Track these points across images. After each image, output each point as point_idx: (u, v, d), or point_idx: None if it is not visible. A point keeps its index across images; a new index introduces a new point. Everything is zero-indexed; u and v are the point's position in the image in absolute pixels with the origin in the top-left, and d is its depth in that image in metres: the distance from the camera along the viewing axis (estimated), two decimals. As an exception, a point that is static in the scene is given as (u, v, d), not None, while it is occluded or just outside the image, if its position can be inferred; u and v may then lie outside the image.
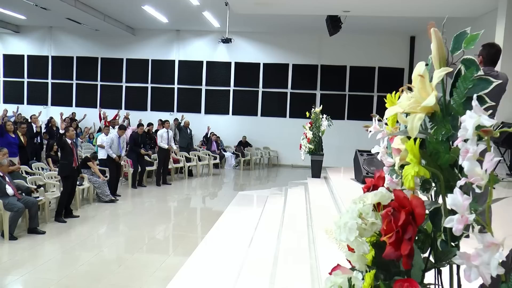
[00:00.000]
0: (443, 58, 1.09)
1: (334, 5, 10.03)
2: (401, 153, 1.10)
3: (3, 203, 6.34)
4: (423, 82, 1.04)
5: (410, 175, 0.97)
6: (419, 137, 1.01)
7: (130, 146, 10.84)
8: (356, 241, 1.07)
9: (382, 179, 1.23)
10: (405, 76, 15.44)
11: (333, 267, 1.27)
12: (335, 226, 1.18)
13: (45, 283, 4.84)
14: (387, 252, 0.96)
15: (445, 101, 1.06)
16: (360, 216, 1.10)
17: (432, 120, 1.04)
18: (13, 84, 17.22)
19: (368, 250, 1.07)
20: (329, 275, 1.26)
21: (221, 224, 6.67)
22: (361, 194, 1.28)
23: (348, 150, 13.83)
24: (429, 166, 1.00)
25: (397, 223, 0.94)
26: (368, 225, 1.08)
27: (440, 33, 1.13)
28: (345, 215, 1.14)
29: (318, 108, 8.53)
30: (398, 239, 0.93)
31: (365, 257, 1.10)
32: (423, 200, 0.97)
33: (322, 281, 3.40)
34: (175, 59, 16.28)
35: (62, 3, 11.70)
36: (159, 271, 5.25)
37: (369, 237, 1.10)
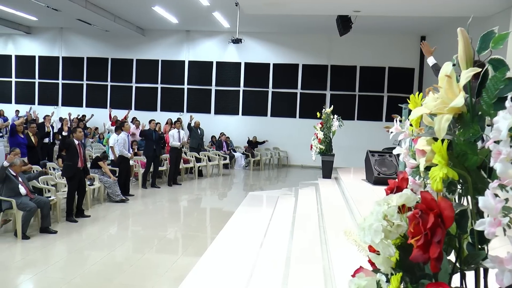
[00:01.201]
0: (470, 58, 1.07)
1: (344, 5, 9.99)
2: (427, 154, 1.08)
3: (16, 202, 6.39)
4: (450, 82, 1.02)
5: (438, 177, 0.95)
6: (447, 139, 1.00)
7: (146, 143, 10.78)
8: (381, 243, 1.06)
9: (406, 181, 1.21)
10: (415, 76, 15.36)
11: (356, 269, 1.26)
12: (359, 228, 1.17)
13: (58, 282, 4.86)
14: (414, 255, 0.95)
15: (472, 102, 1.04)
16: (385, 218, 1.09)
17: (459, 121, 1.03)
18: (25, 84, 17.37)
19: (394, 253, 1.06)
20: (352, 277, 1.24)
21: (232, 224, 6.67)
22: (383, 195, 1.27)
23: (358, 150, 13.82)
24: (456, 168, 0.99)
25: (425, 226, 0.93)
26: (393, 227, 1.07)
27: (466, 32, 1.11)
28: (370, 217, 1.12)
29: (329, 109, 8.49)
30: (426, 242, 0.92)
31: (391, 260, 1.08)
32: (451, 202, 0.96)
33: (335, 282, 3.38)
34: (185, 60, 16.32)
35: (73, 4, 11.78)
36: (171, 271, 5.25)
37: (394, 239, 1.09)
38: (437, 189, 0.96)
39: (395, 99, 15.35)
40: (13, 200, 6.40)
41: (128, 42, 16.44)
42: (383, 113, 15.58)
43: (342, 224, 5.12)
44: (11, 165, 6.61)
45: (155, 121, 10.99)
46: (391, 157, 7.53)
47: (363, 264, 3.40)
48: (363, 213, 4.89)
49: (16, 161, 6.67)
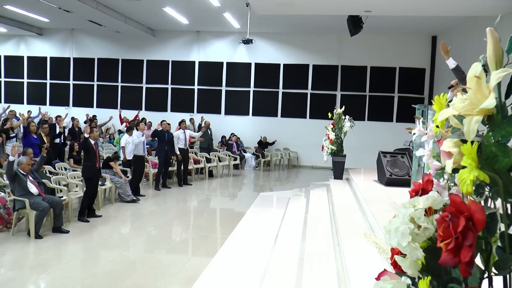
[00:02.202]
0: (500, 58, 1.05)
1: (355, 5, 9.95)
2: (454, 156, 1.06)
3: (29, 202, 6.44)
4: (479, 83, 1.00)
5: (468, 180, 0.94)
6: (476, 141, 0.98)
7: (159, 144, 10.79)
8: (409, 246, 1.04)
9: (431, 183, 1.20)
10: (426, 77, 15.26)
11: (380, 272, 1.24)
12: (384, 230, 1.15)
13: (71, 282, 4.89)
14: (444, 259, 0.94)
15: (501, 103, 1.02)
16: (412, 221, 1.08)
17: (489, 123, 1.01)
18: (37, 85, 17.52)
19: (421, 256, 1.04)
20: (376, 280, 1.23)
21: (244, 225, 6.67)
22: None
23: (369, 151, 13.77)
24: (485, 170, 0.97)
25: (456, 229, 0.91)
26: (420, 230, 1.05)
27: (496, 32, 1.09)
28: (396, 220, 1.11)
29: (341, 109, 8.46)
30: (457, 246, 0.90)
31: (418, 263, 1.07)
32: (482, 205, 0.94)
33: (350, 283, 3.36)
34: (195, 60, 16.35)
35: (84, 5, 11.85)
36: (183, 272, 5.26)
37: (421, 242, 1.07)
38: (467, 192, 0.95)
39: (406, 99, 15.27)
40: (26, 200, 6.44)
41: (138, 43, 16.51)
42: (394, 114, 15.51)
43: (354, 225, 5.10)
44: (19, 164, 6.64)
45: (166, 121, 11.00)
46: (403, 158, 7.48)
47: (377, 265, 3.40)
48: (376, 214, 4.87)
49: (22, 159, 6.70)
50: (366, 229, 4.93)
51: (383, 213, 5.05)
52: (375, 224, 4.66)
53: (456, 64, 4.45)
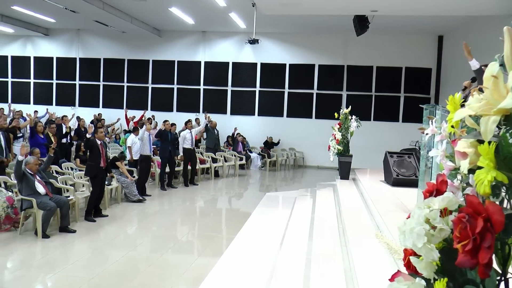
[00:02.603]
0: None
1: (361, 5, 9.92)
2: (470, 157, 1.05)
3: (36, 201, 6.46)
4: (496, 83, 0.99)
5: (486, 180, 0.93)
6: (493, 141, 0.97)
7: (162, 144, 10.81)
8: (424, 247, 1.03)
9: (445, 183, 1.19)
10: (432, 77, 15.20)
11: (393, 273, 1.23)
12: (399, 231, 1.15)
13: (78, 281, 4.90)
14: (461, 260, 0.93)
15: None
16: (427, 222, 1.07)
17: (506, 123, 1.00)
18: (43, 85, 17.60)
19: (437, 257, 1.03)
20: (390, 281, 1.22)
21: (250, 225, 6.66)
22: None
23: (374, 151, 13.73)
24: (503, 171, 0.96)
25: (474, 230, 0.90)
26: (436, 231, 1.04)
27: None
28: (411, 221, 1.10)
29: (347, 109, 8.43)
30: (475, 247, 0.89)
31: (434, 264, 1.06)
32: (500, 206, 0.93)
33: (358, 284, 3.35)
34: (201, 60, 16.37)
35: (91, 6, 11.89)
36: (189, 272, 5.26)
37: (436, 243, 1.06)
38: (484, 193, 0.94)
39: (412, 99, 15.22)
40: (33, 199, 6.47)
41: (144, 43, 16.54)
42: (400, 114, 15.46)
43: (361, 226, 5.09)
44: (26, 164, 6.67)
45: (169, 121, 11.00)
46: (410, 158, 7.45)
47: (386, 266, 3.37)
48: (383, 215, 4.85)
49: (29, 159, 6.73)
50: (373, 229, 4.92)
51: (390, 214, 5.03)
52: (382, 225, 4.64)
53: (480, 65, 4.39)
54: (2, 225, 6.70)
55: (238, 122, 15.52)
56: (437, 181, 1.22)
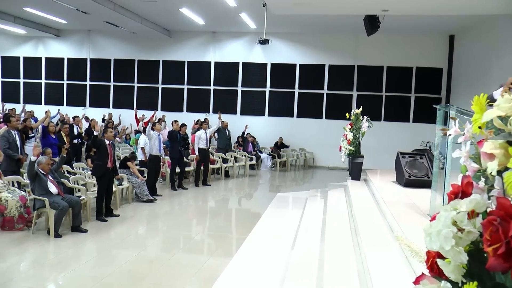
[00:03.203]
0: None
1: (372, 5, 9.88)
2: (499, 158, 1.03)
3: (48, 201, 6.50)
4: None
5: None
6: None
7: (171, 145, 10.83)
8: (452, 250, 1.02)
9: (471, 185, 1.17)
10: (443, 76, 15.08)
11: (418, 276, 1.22)
12: (424, 233, 1.13)
13: (90, 280, 4.92)
14: (492, 264, 0.91)
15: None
16: (454, 224, 1.05)
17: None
18: (54, 86, 17.74)
19: (466, 260, 1.01)
20: (414, 284, 1.20)
21: (262, 225, 6.65)
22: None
23: (385, 152, 13.67)
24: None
25: (506, 233, 0.88)
26: (464, 233, 1.03)
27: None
28: (437, 223, 1.08)
29: (359, 110, 8.39)
30: (508, 251, 0.88)
31: (462, 268, 1.04)
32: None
33: (372, 286, 3.32)
34: (211, 61, 16.40)
35: (101, 7, 11.97)
36: (201, 272, 5.26)
37: (464, 246, 1.04)
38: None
39: (422, 99, 15.13)
40: (46, 199, 6.51)
41: (154, 43, 16.61)
42: (410, 114, 15.37)
43: (374, 227, 5.05)
44: (38, 164, 6.71)
45: (178, 122, 11.01)
46: (422, 159, 7.39)
47: (400, 267, 3.33)
48: (396, 216, 4.81)
49: (42, 159, 6.77)
50: (386, 230, 4.89)
51: (404, 215, 5.00)
52: (395, 226, 4.60)
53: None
54: (16, 224, 6.76)
55: (248, 122, 15.49)
56: (462, 183, 1.20)
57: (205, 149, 11.16)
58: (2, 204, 6.71)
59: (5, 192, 6.87)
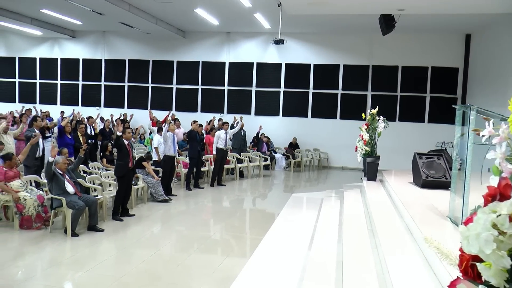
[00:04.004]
0: None
1: (388, 4, 9.81)
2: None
3: (66, 201, 6.56)
4: None
5: None
6: None
7: (191, 145, 10.84)
8: (493, 254, 0.99)
9: (509, 187, 1.14)
10: (459, 76, 14.91)
11: (452, 280, 1.19)
12: (461, 236, 1.10)
13: (108, 279, 4.95)
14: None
15: None
16: (494, 227, 1.02)
17: None
18: (69, 86, 17.92)
19: (509, 264, 0.99)
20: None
21: (278, 226, 6.64)
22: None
23: (400, 152, 13.55)
24: None
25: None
26: (506, 237, 1.00)
27: None
28: (475, 226, 1.06)
29: (375, 110, 8.32)
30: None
31: (505, 272, 1.01)
32: None
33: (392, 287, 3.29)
34: (225, 61, 16.42)
35: (117, 8, 12.05)
36: (218, 272, 5.26)
37: (505, 250, 1.02)
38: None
39: (438, 99, 14.98)
40: (63, 199, 6.57)
41: (169, 44, 16.69)
42: (426, 114, 15.23)
43: (392, 228, 5.01)
44: (55, 163, 6.77)
45: (197, 122, 11.04)
46: (439, 160, 7.30)
47: (420, 269, 3.27)
48: (414, 217, 4.76)
49: (58, 159, 6.83)
50: (405, 232, 4.83)
51: (422, 216, 4.94)
52: (414, 227, 4.55)
53: None
54: (34, 223, 6.83)
55: (262, 122, 15.47)
56: (499, 185, 1.17)
57: (223, 149, 11.20)
58: (21, 203, 6.79)
59: (23, 192, 6.95)
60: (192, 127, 10.88)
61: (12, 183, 6.94)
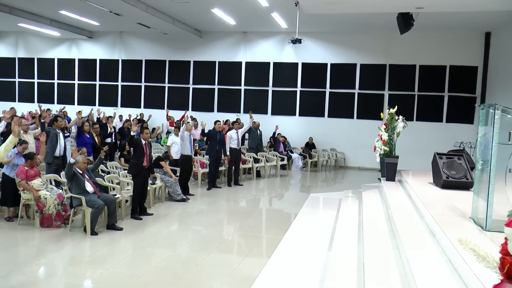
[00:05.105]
0: None
1: (407, 2, 9.71)
2: None
3: (85, 199, 6.62)
4: None
5: None
6: None
7: (210, 144, 10.83)
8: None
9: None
10: (478, 75, 14.69)
11: (496, 284, 1.15)
12: (508, 238, 1.07)
13: (128, 278, 4.96)
14: None
15: None
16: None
17: None
18: (87, 86, 18.12)
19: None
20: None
21: (297, 226, 6.60)
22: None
23: (417, 152, 13.44)
24: None
25: None
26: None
27: None
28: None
29: (393, 109, 8.24)
30: None
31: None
32: None
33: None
34: (242, 61, 16.43)
35: (134, 8, 12.14)
36: (237, 272, 5.24)
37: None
38: None
39: (456, 99, 14.79)
40: (82, 197, 6.63)
41: (185, 44, 16.76)
42: (444, 114, 15.05)
43: (413, 229, 4.94)
44: (75, 163, 6.83)
45: (220, 122, 11.04)
46: (460, 160, 7.20)
47: (444, 270, 3.20)
48: (436, 218, 4.69)
49: (78, 158, 6.89)
50: (426, 232, 4.77)
51: (444, 217, 4.87)
52: (436, 228, 4.48)
53: None
54: (54, 221, 6.91)
55: (279, 122, 15.44)
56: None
57: (236, 149, 11.18)
58: (41, 201, 6.87)
59: (44, 190, 7.03)
60: (215, 127, 10.85)
61: (33, 182, 7.03)
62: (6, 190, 7.22)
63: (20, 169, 7.01)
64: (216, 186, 10.79)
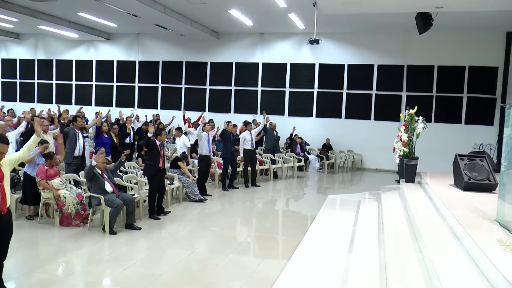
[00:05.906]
0: None
1: (426, 1, 9.56)
2: None
3: (104, 199, 6.66)
4: None
5: None
6: None
7: (224, 145, 10.84)
8: None
9: None
10: (499, 76, 14.44)
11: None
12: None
13: (147, 278, 4.97)
14: None
15: None
16: None
17: None
18: (104, 88, 18.30)
19: None
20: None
21: (316, 228, 6.55)
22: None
23: (436, 154, 13.27)
24: None
25: None
26: None
27: None
28: None
29: (413, 110, 8.14)
30: None
31: None
32: None
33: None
34: (258, 62, 16.41)
35: (152, 10, 12.20)
36: (257, 273, 5.21)
37: None
38: None
39: (476, 100, 14.57)
40: (101, 197, 6.67)
41: (202, 45, 16.81)
42: (462, 115, 14.83)
43: (436, 232, 4.85)
44: (95, 165, 6.88)
45: (232, 122, 11.06)
46: (482, 162, 7.07)
47: (469, 272, 3.10)
48: (460, 221, 4.60)
49: (98, 160, 6.95)
50: (449, 235, 4.68)
51: (468, 219, 4.77)
52: (460, 231, 4.39)
53: None
54: (73, 220, 6.96)
55: (296, 123, 15.36)
56: None
57: (251, 150, 11.15)
58: (61, 200, 6.93)
59: (63, 189, 7.10)
60: (225, 127, 10.90)
61: (53, 181, 7.10)
62: (27, 189, 7.31)
63: (40, 169, 7.09)
64: (234, 187, 10.78)
